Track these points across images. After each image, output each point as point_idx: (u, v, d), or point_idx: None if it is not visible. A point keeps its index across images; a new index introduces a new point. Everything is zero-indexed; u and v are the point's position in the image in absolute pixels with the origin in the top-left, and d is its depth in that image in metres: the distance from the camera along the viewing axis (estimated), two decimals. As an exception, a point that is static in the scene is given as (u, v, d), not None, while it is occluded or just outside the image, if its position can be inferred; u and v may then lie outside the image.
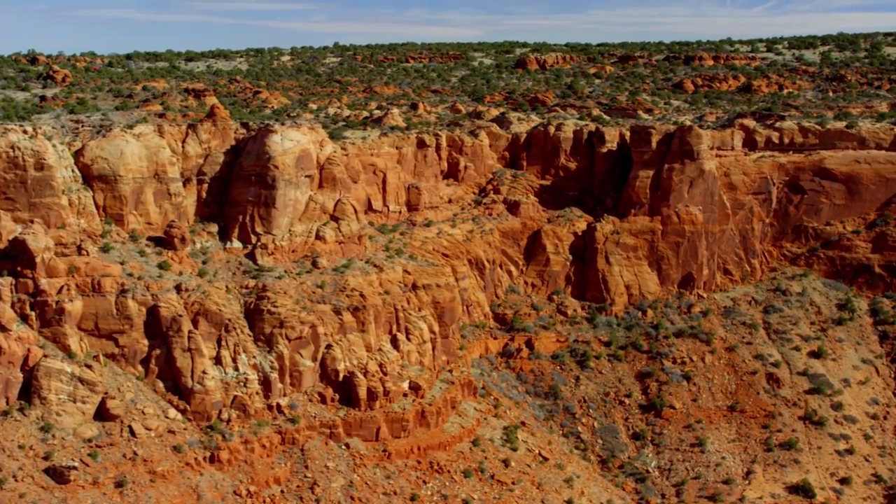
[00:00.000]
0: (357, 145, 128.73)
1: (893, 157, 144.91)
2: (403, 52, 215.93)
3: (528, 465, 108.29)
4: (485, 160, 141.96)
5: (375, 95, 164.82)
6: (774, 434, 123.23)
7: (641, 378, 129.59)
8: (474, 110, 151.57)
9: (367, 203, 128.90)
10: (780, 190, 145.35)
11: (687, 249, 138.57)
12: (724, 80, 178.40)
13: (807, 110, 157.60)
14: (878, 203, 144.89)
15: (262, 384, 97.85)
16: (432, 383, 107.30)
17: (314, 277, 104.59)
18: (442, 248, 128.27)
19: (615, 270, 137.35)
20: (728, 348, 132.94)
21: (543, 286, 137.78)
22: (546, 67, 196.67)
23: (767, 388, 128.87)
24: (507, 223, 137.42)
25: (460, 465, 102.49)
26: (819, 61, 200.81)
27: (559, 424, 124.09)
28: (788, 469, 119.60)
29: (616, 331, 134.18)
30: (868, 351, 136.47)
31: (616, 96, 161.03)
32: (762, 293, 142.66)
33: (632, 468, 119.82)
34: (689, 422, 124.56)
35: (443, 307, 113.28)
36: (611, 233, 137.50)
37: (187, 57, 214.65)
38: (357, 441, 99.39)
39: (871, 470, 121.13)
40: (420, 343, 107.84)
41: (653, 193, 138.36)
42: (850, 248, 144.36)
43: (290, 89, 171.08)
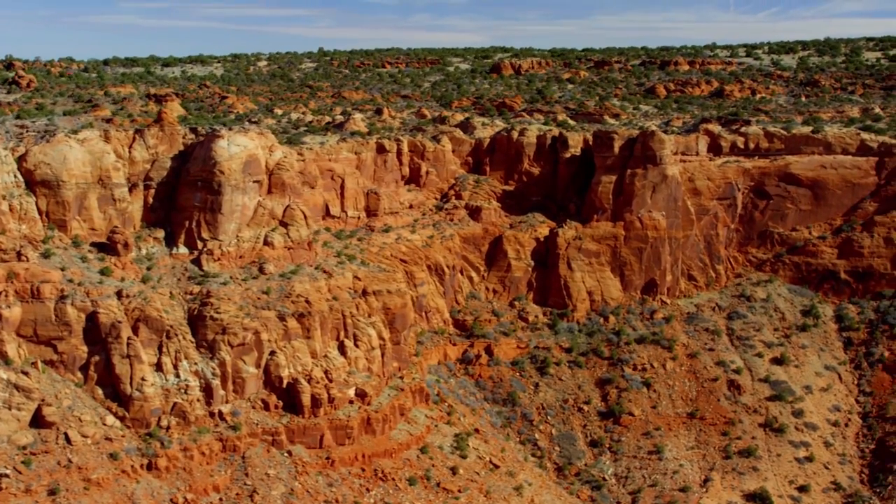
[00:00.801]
0: (315, 150, 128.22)
1: (860, 163, 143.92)
2: (380, 58, 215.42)
3: (477, 473, 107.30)
4: (447, 165, 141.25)
5: (343, 100, 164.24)
6: (734, 441, 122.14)
7: (601, 385, 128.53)
8: (439, 115, 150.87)
9: (324, 208, 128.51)
10: (745, 195, 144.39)
11: (650, 255, 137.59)
12: (696, 84, 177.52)
13: (776, 115, 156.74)
14: (844, 209, 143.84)
15: (204, 391, 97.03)
16: (380, 390, 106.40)
17: (260, 283, 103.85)
18: (400, 254, 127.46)
19: (577, 276, 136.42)
20: (690, 355, 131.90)
21: (505, 292, 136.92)
22: (521, 72, 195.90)
23: (728, 395, 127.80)
24: (468, 229, 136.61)
25: (406, 473, 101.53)
26: (795, 66, 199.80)
27: (516, 431, 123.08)
28: (746, 477, 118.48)
29: (577, 337, 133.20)
30: (832, 357, 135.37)
31: (584, 101, 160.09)
32: (727, 299, 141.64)
33: (588, 476, 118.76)
34: (648, 429, 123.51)
35: (394, 313, 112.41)
36: (573, 238, 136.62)
37: (164, 62, 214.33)
38: (300, 448, 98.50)
39: (830, 478, 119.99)
40: (368, 349, 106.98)
41: (615, 199, 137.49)
42: (816, 254, 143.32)
43: (259, 94, 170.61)
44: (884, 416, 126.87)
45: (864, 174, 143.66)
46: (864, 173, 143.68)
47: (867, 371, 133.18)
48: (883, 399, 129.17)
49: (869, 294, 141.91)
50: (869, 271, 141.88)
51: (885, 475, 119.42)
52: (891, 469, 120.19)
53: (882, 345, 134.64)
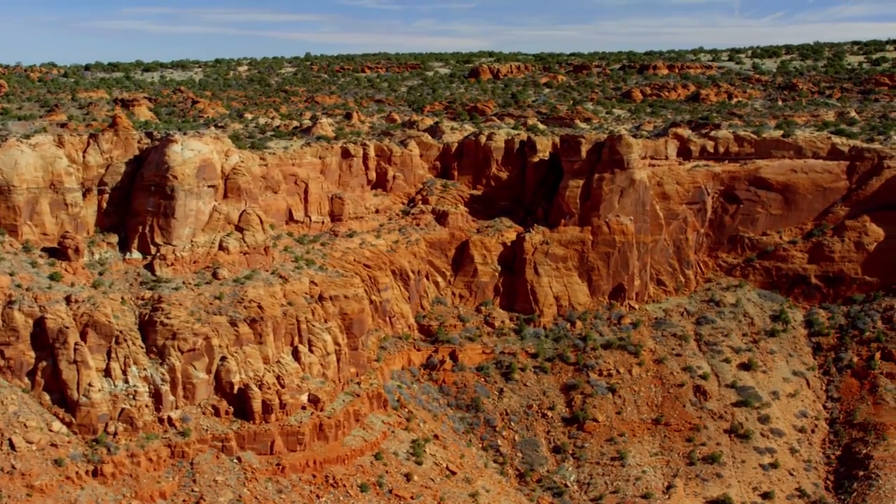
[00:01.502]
0: (278, 155, 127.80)
1: (830, 167, 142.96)
2: (361, 62, 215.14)
3: (432, 480, 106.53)
4: (415, 170, 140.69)
5: (315, 105, 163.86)
6: (698, 447, 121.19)
7: (566, 390, 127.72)
8: (409, 120, 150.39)
9: (288, 213, 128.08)
10: (715, 200, 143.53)
11: (618, 260, 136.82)
12: (672, 89, 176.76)
13: (750, 119, 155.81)
14: (815, 213, 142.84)
15: (153, 397, 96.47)
16: (335, 396, 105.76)
17: (213, 288, 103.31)
18: (364, 259, 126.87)
19: (544, 281, 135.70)
20: (657, 360, 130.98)
21: (471, 297, 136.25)
22: (499, 77, 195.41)
23: (694, 401, 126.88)
24: (434, 233, 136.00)
25: (358, 479, 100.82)
26: (775, 70, 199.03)
27: (479, 437, 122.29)
28: (710, 483, 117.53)
29: (544, 342, 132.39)
30: (800, 363, 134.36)
31: (557, 105, 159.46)
32: (696, 304, 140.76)
33: (550, 482, 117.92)
34: (612, 435, 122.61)
35: (351, 319, 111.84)
36: (540, 243, 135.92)
37: (145, 67, 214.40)
38: (251, 455, 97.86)
39: (794, 484, 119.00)
40: (324, 355, 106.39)
41: (583, 203, 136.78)
42: (787, 259, 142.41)
43: (234, 99, 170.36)
44: (851, 422, 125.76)
45: (835, 178, 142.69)
46: (835, 177, 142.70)
47: (836, 376, 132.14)
48: (851, 405, 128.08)
49: (840, 299, 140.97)
50: (840, 276, 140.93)
51: (851, 482, 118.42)
52: (856, 476, 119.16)
53: (851, 350, 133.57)
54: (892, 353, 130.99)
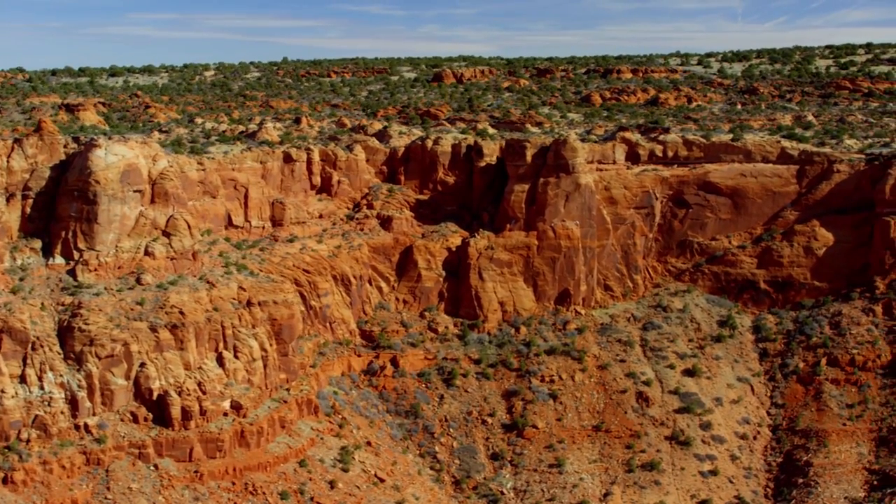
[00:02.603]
0: (217, 160, 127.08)
1: (780, 171, 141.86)
2: (327, 67, 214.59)
3: (358, 487, 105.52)
4: (360, 175, 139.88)
5: (269, 110, 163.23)
6: (638, 454, 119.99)
7: (508, 397, 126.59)
8: (358, 124, 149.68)
9: (227, 218, 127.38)
10: (664, 204, 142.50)
11: (563, 265, 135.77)
12: (632, 93, 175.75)
13: (705, 123, 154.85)
14: (764, 217, 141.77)
15: (70, 403, 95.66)
16: (260, 402, 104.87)
17: (135, 294, 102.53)
18: (303, 264, 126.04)
19: (488, 287, 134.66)
20: (600, 366, 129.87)
21: (415, 302, 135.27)
22: (462, 81, 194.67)
23: (636, 408, 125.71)
24: (378, 238, 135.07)
25: (279, 487, 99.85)
26: (740, 74, 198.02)
27: (416, 444, 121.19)
28: (648, 490, 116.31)
29: (487, 348, 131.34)
30: (746, 369, 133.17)
31: (509, 109, 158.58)
32: (643, 309, 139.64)
33: (486, 489, 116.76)
34: (552, 442, 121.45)
35: (281, 324, 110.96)
36: (485, 248, 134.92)
37: (111, 72, 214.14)
38: (168, 462, 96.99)
39: (733, 492, 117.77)
40: (249, 361, 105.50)
41: (528, 208, 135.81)
42: (736, 264, 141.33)
43: (190, 104, 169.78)
44: (794, 428, 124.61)
45: (785, 182, 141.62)
46: (784, 181, 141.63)
47: (781, 383, 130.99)
48: (795, 411, 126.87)
49: (789, 304, 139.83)
50: (788, 281, 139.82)
51: (790, 489, 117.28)
52: (795, 483, 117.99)
53: (798, 356, 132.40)
54: (838, 358, 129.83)
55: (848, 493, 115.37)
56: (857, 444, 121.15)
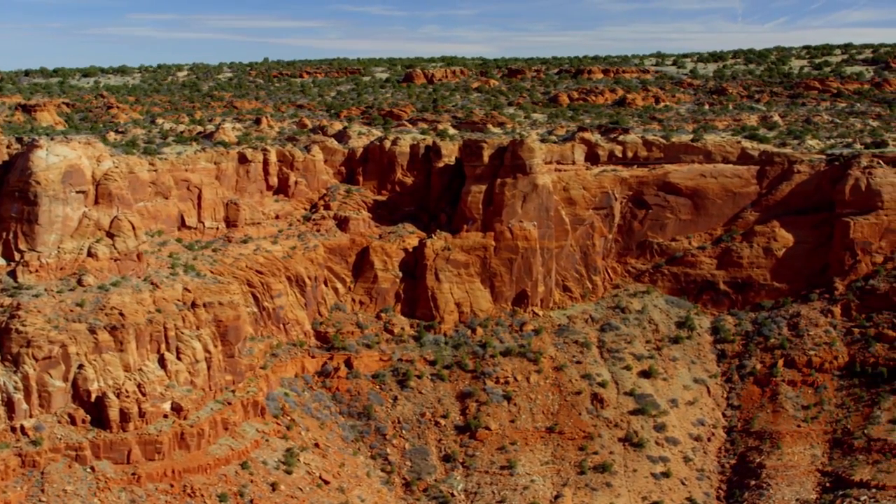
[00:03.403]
0: (170, 161, 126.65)
1: (740, 171, 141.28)
2: (300, 68, 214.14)
3: (301, 489, 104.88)
4: (318, 175, 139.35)
5: (233, 110, 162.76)
6: (590, 456, 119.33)
7: (462, 398, 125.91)
8: (319, 125, 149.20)
9: (179, 219, 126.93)
10: (623, 205, 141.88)
11: (521, 266, 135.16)
12: (600, 93, 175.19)
13: (669, 123, 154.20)
14: (724, 218, 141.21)
15: (6, 405, 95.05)
16: (202, 404, 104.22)
17: (76, 296, 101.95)
18: (257, 266, 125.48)
19: (445, 288, 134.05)
20: (556, 368, 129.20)
21: (372, 304, 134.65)
22: (433, 81, 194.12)
23: (591, 409, 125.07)
24: (334, 239, 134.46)
25: (218, 489, 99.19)
26: (711, 74, 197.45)
27: (368, 446, 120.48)
28: (599, 492, 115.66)
29: (443, 349, 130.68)
30: (703, 370, 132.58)
31: (473, 110, 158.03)
32: (601, 311, 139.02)
33: (437, 491, 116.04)
34: (504, 443, 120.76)
35: (226, 325, 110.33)
36: (442, 249, 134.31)
37: (84, 73, 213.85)
38: (106, 464, 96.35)
39: (685, 494, 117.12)
40: (192, 362, 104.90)
41: (485, 209, 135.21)
42: (695, 265, 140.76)
43: (156, 104, 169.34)
44: (748, 430, 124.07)
45: (745, 183, 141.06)
46: (744, 182, 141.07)
47: (738, 384, 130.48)
48: (750, 413, 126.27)
49: (749, 305, 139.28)
50: (748, 282, 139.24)
51: (742, 491, 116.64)
52: (747, 485, 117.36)
53: (755, 357, 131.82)
54: (795, 360, 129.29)
55: (800, 494, 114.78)
56: (811, 446, 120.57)
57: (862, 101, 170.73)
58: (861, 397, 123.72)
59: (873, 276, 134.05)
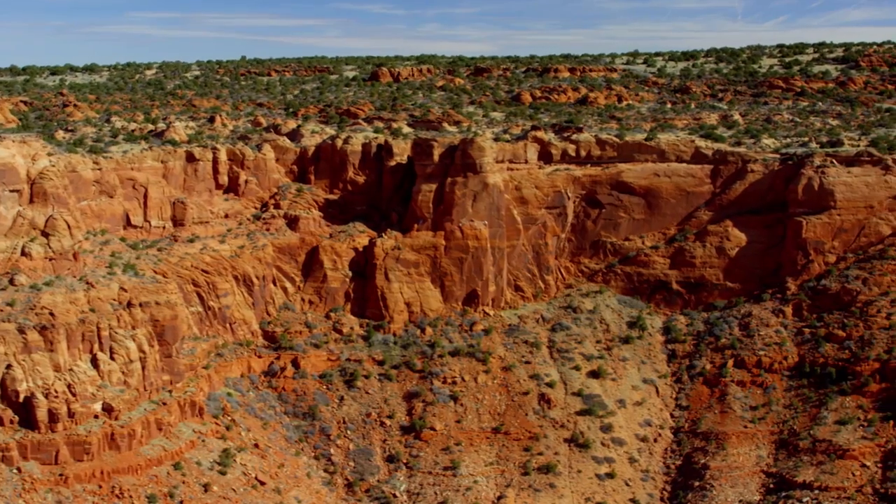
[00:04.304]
0: (115, 160, 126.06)
1: (694, 171, 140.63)
2: (269, 66, 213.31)
3: (234, 490, 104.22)
4: (269, 174, 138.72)
5: (192, 108, 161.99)
6: (535, 457, 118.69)
7: (409, 398, 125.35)
8: (273, 123, 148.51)
9: (125, 218, 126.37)
10: (577, 204, 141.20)
11: (471, 265, 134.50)
12: (563, 91, 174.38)
13: (627, 122, 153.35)
14: (678, 217, 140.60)
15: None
16: (135, 404, 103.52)
17: (7, 295, 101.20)
18: (202, 265, 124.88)
19: (395, 287, 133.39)
20: (505, 368, 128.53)
21: (321, 303, 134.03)
22: (399, 80, 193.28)
23: (537, 410, 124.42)
24: (283, 238, 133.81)
25: (148, 490, 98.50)
26: (678, 73, 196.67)
27: (312, 446, 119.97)
28: (542, 493, 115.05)
29: (392, 349, 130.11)
30: (652, 371, 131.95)
31: (430, 109, 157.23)
32: (553, 310, 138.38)
33: (379, 492, 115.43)
34: (449, 444, 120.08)
35: (163, 325, 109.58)
36: (391, 248, 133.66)
37: (52, 71, 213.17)
38: (33, 465, 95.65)
39: (629, 495, 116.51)
40: (126, 362, 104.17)
41: (436, 208, 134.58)
42: (648, 264, 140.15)
43: (116, 103, 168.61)
44: (695, 430, 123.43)
45: (699, 182, 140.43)
46: (698, 181, 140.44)
47: (687, 384, 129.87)
48: (698, 413, 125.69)
49: (701, 305, 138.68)
50: (701, 282, 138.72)
51: (686, 492, 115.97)
52: (691, 486, 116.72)
53: (706, 357, 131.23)
54: (745, 360, 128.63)
55: (743, 496, 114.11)
56: (757, 447, 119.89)
57: (824, 100, 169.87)
58: (809, 398, 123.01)
59: (825, 276, 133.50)
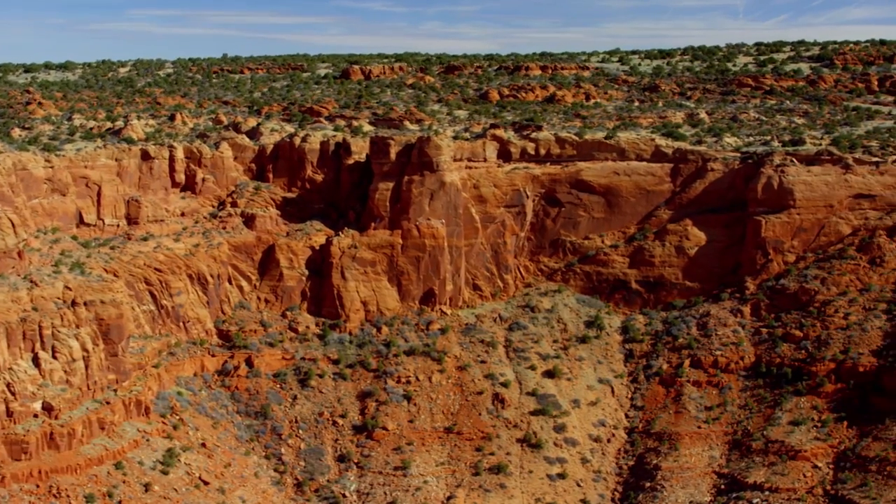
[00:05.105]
0: (68, 157, 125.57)
1: (654, 169, 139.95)
2: (242, 64, 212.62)
3: (175, 490, 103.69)
4: (227, 172, 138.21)
5: (156, 106, 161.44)
6: (486, 457, 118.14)
7: (362, 398, 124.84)
8: (233, 121, 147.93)
9: (77, 216, 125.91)
10: (536, 203, 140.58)
11: (428, 264, 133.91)
12: (531, 90, 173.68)
13: (591, 120, 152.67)
14: (638, 216, 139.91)
15: None
16: (77, 403, 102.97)
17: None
18: (156, 263, 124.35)
19: (351, 286, 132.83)
20: (460, 367, 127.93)
21: (277, 302, 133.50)
22: (370, 78, 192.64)
23: (491, 409, 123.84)
24: (239, 237, 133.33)
25: (86, 490, 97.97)
26: (650, 71, 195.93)
27: (263, 446, 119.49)
28: (492, 494, 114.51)
29: (347, 348, 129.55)
30: (609, 370, 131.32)
31: (393, 107, 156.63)
32: (511, 310, 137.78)
33: (328, 492, 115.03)
34: (400, 444, 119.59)
35: (108, 324, 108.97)
36: (348, 247, 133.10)
37: (26, 68, 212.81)
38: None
39: (580, 495, 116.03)
40: (69, 361, 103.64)
41: (393, 206, 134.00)
42: (608, 263, 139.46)
43: (83, 101, 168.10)
44: (649, 431, 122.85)
45: (659, 181, 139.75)
46: (658, 180, 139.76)
47: (643, 384, 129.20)
48: (653, 413, 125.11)
49: (661, 305, 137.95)
50: (660, 281, 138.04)
51: (637, 493, 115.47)
52: (642, 487, 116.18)
53: (662, 357, 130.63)
54: (701, 360, 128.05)
55: (693, 497, 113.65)
56: (710, 447, 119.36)
57: (793, 98, 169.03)
58: (764, 398, 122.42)
59: (784, 275, 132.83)
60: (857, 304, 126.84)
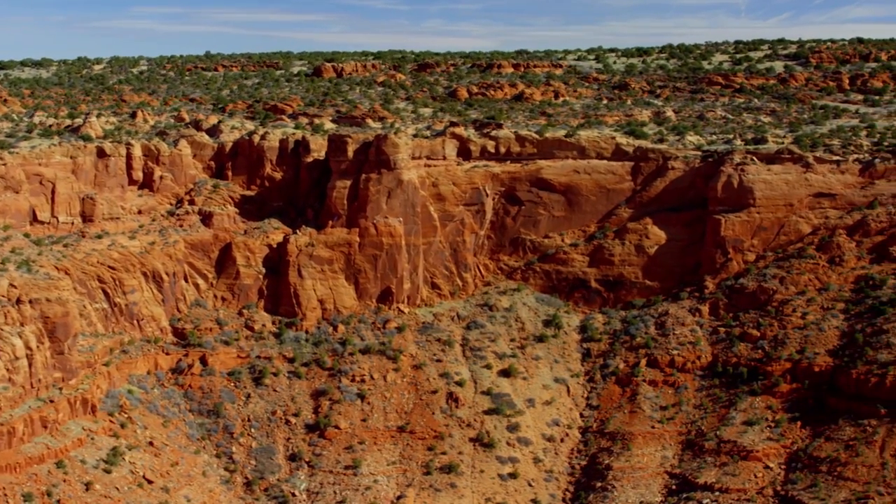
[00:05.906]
0: (22, 155, 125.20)
1: (614, 168, 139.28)
2: (216, 61, 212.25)
3: (117, 489, 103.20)
4: (185, 170, 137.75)
5: (121, 103, 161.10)
6: (438, 456, 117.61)
7: (316, 396, 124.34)
8: (195, 119, 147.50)
9: (31, 214, 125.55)
10: (496, 201, 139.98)
11: (385, 262, 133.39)
12: (500, 88, 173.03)
13: (556, 119, 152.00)
14: (598, 215, 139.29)
15: None
16: (19, 402, 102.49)
17: None
18: (109, 261, 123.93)
19: (308, 284, 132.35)
20: (415, 366, 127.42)
21: (234, 300, 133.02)
22: (342, 75, 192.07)
23: (444, 408, 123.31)
24: (196, 235, 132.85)
25: (25, 489, 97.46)
26: (623, 70, 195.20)
27: (214, 444, 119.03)
28: (442, 493, 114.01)
29: (303, 347, 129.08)
30: (565, 370, 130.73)
31: (357, 104, 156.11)
32: (469, 308, 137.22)
33: (278, 491, 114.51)
34: (352, 443, 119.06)
35: (54, 322, 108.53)
36: (305, 245, 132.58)
37: (1, 66, 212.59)
38: None
39: (531, 495, 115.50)
40: (11, 359, 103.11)
41: (350, 204, 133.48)
42: (567, 262, 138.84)
43: (50, 98, 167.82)
44: (603, 430, 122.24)
45: (619, 179, 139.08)
46: (619, 178, 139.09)
47: (599, 384, 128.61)
48: (608, 413, 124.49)
49: (620, 303, 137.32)
50: (620, 280, 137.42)
51: (588, 493, 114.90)
52: (593, 487, 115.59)
53: (619, 356, 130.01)
54: (658, 359, 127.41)
55: (644, 497, 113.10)
56: (663, 447, 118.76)
57: (762, 97, 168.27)
58: (720, 398, 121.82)
59: (743, 274, 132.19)
60: (815, 303, 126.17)
